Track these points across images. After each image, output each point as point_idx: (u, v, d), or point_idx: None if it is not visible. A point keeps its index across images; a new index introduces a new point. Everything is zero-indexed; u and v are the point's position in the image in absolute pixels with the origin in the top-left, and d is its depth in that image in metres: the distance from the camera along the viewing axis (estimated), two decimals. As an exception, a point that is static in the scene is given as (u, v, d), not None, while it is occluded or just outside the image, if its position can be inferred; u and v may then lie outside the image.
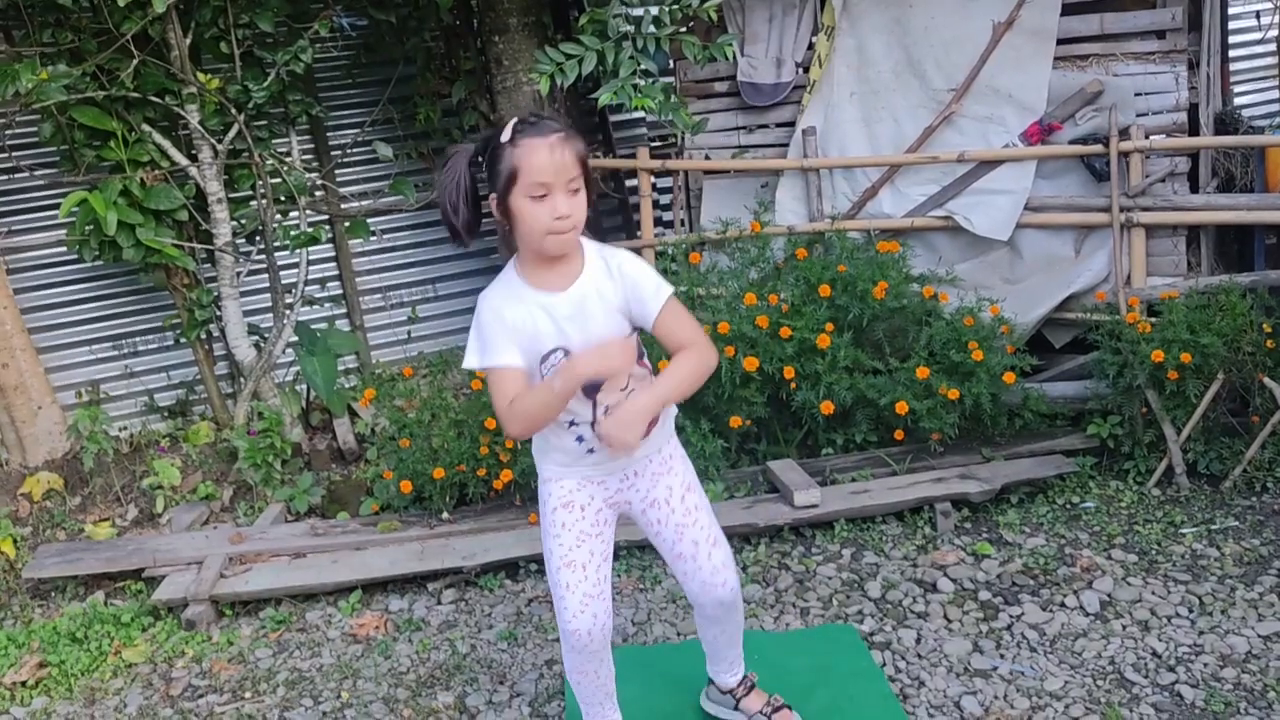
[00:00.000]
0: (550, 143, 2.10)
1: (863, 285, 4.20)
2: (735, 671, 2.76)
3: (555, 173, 2.10)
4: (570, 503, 2.41)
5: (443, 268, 5.75)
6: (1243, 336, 3.89)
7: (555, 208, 2.12)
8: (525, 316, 2.22)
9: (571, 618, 2.38)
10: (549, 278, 2.24)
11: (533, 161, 2.10)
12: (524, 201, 2.13)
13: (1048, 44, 4.54)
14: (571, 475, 2.41)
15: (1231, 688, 2.85)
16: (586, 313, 2.24)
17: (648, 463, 2.44)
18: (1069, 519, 3.85)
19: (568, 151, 2.11)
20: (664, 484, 2.45)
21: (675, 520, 2.46)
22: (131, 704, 3.27)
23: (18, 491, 4.61)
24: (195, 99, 4.58)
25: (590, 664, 2.48)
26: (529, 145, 2.11)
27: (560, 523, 2.40)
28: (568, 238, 2.17)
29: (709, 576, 2.48)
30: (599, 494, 2.43)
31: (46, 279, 5.11)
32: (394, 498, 4.16)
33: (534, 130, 2.13)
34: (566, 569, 2.39)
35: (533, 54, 4.76)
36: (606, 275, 2.25)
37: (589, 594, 2.38)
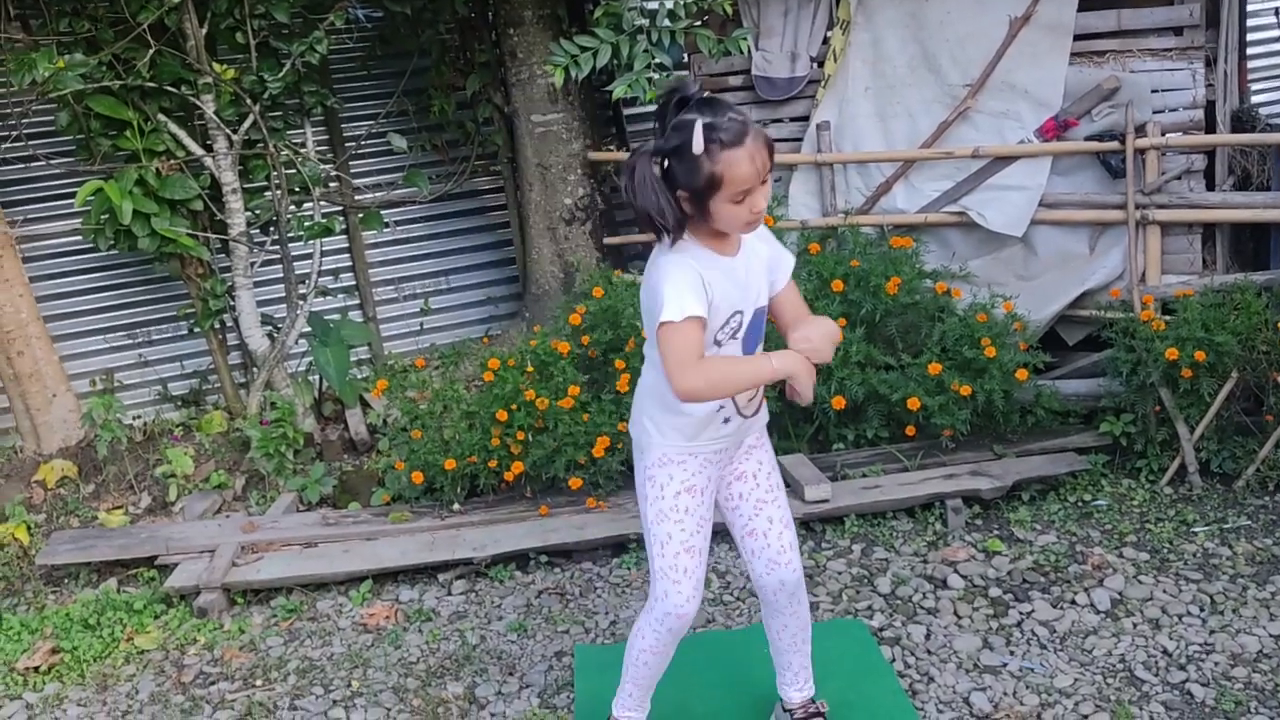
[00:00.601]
0: (751, 149, 2.11)
1: (876, 281, 4.19)
2: (801, 686, 2.71)
3: (758, 175, 2.14)
4: (694, 487, 2.40)
5: (455, 260, 5.75)
6: (1257, 335, 3.87)
7: (754, 204, 2.16)
8: (715, 279, 2.23)
9: (685, 601, 2.40)
10: (725, 244, 2.28)
11: (737, 173, 2.10)
12: (727, 205, 2.15)
13: (1064, 39, 4.52)
14: (695, 455, 2.39)
15: (1242, 687, 2.84)
16: (751, 277, 2.31)
17: (748, 434, 2.46)
18: (1080, 516, 3.84)
19: (764, 150, 2.14)
20: (755, 457, 2.49)
21: (757, 495, 2.49)
22: (143, 690, 3.29)
23: (32, 479, 4.63)
24: (211, 89, 4.60)
25: (670, 647, 2.52)
26: (730, 159, 2.09)
27: (684, 508, 2.39)
28: (757, 223, 2.24)
29: (776, 555, 2.50)
30: (713, 475, 2.44)
31: (62, 268, 5.13)
32: (405, 488, 4.18)
33: (732, 135, 2.09)
34: (686, 554, 2.39)
35: (547, 47, 4.77)
36: (757, 239, 2.35)
37: (700, 579, 2.44)
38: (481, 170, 5.66)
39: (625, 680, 2.61)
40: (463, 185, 5.60)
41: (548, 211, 5.19)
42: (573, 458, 3.94)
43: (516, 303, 5.68)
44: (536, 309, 5.26)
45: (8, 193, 4.96)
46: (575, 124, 5.10)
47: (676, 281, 2.19)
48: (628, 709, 2.64)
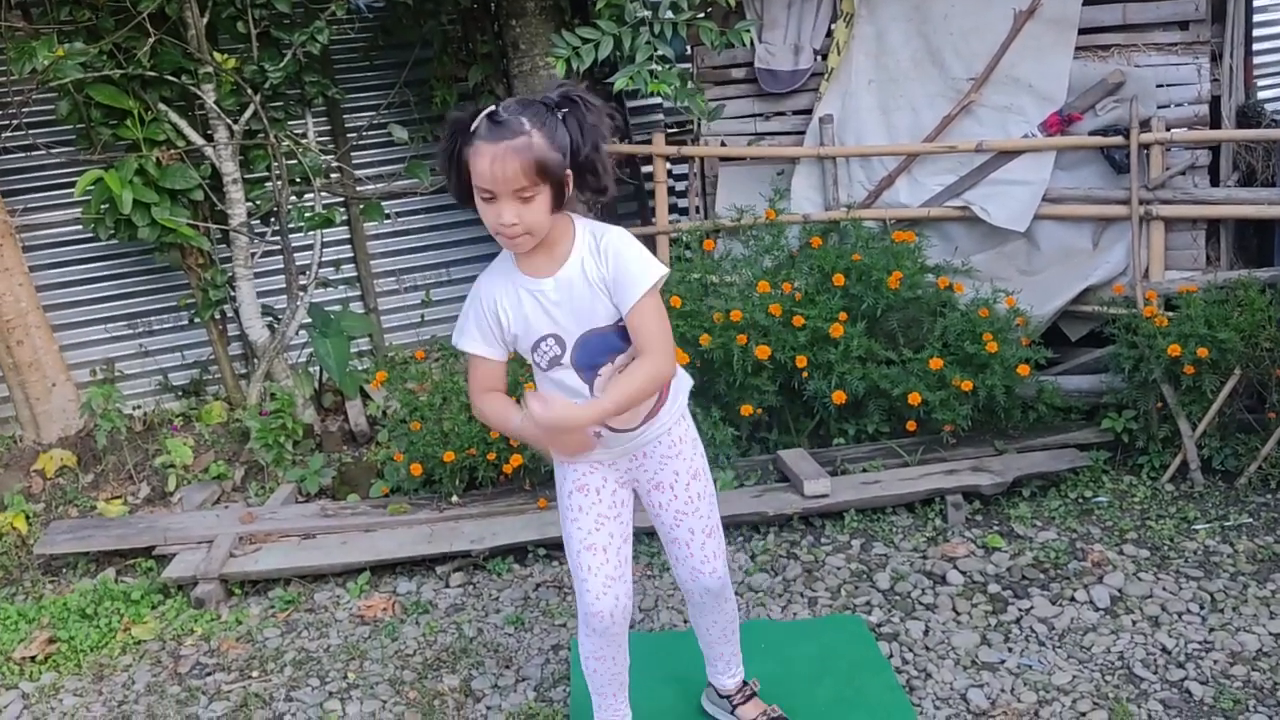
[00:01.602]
0: (495, 152, 2.01)
1: (877, 275, 4.18)
2: (732, 674, 2.74)
3: (495, 183, 2.03)
4: (585, 486, 2.40)
5: (457, 251, 5.74)
6: (1261, 332, 3.85)
7: (500, 213, 2.06)
8: (516, 302, 2.22)
9: (594, 600, 2.37)
10: (537, 262, 2.21)
11: (477, 166, 2.04)
12: (478, 200, 2.09)
13: (1069, 33, 4.49)
14: (582, 459, 2.39)
15: (1241, 685, 2.82)
16: (575, 296, 2.20)
17: (656, 444, 2.41)
18: (1081, 513, 3.83)
19: (513, 164, 2.01)
20: (671, 468, 2.44)
21: (676, 506, 2.45)
22: (140, 681, 3.29)
23: (31, 468, 4.63)
24: (212, 79, 4.58)
25: (609, 649, 2.48)
26: (477, 149, 2.04)
27: (577, 506, 2.40)
28: (519, 241, 2.11)
29: (699, 564, 2.49)
30: (611, 475, 2.42)
31: (62, 257, 5.12)
32: (404, 480, 4.17)
33: (491, 133, 2.03)
34: (587, 552, 2.38)
35: (550, 38, 4.74)
36: (594, 255, 2.20)
37: (611, 576, 2.38)
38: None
39: (592, 692, 2.61)
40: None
41: (549, 204, 5.16)
42: (572, 451, 3.92)
43: (518, 295, 5.66)
44: (537, 301, 5.24)
45: (8, 181, 4.95)
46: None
47: (466, 308, 2.27)
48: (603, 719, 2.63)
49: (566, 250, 2.21)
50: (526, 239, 2.12)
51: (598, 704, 2.61)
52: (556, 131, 2.08)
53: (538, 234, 2.13)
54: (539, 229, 2.12)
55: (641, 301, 2.16)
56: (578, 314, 2.20)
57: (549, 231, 2.16)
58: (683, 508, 2.45)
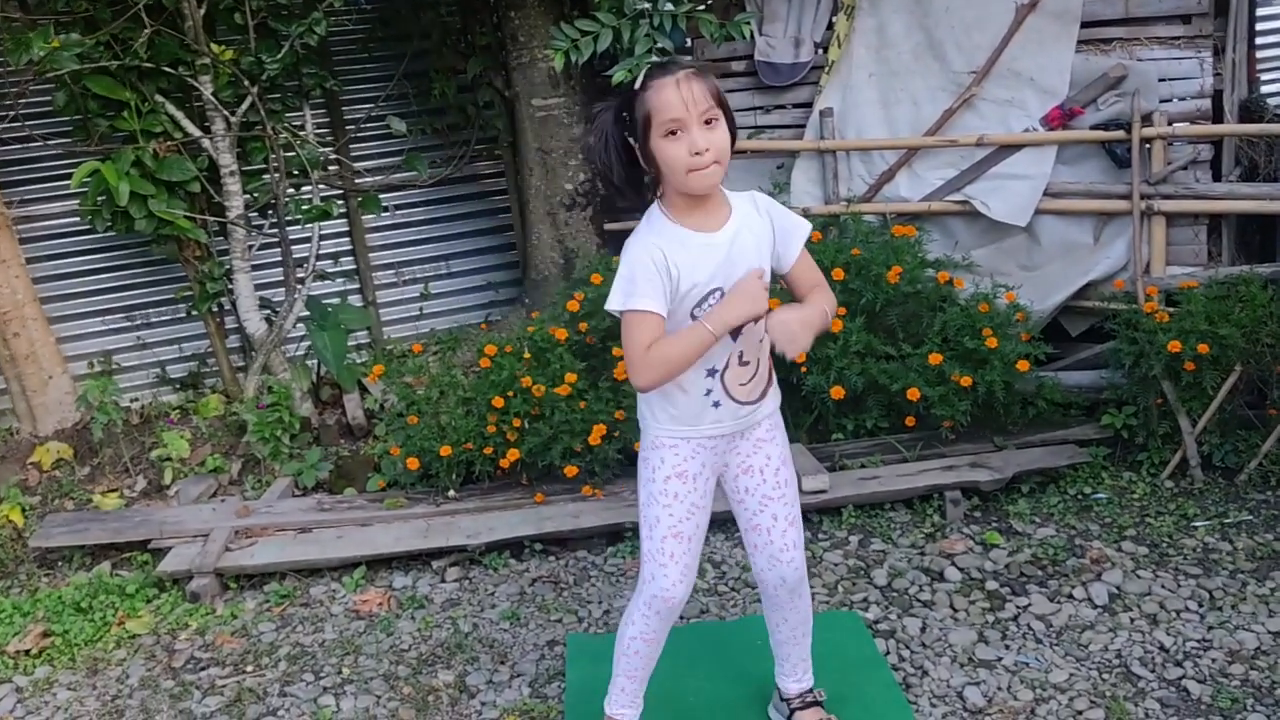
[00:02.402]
0: (677, 79, 2.10)
1: (877, 269, 4.16)
2: (799, 679, 2.71)
3: (685, 106, 2.09)
4: (684, 472, 2.37)
5: (456, 245, 5.72)
6: (1262, 328, 3.83)
7: (693, 142, 2.10)
8: (688, 259, 2.21)
9: (671, 585, 2.38)
10: (702, 219, 2.24)
11: (662, 99, 2.10)
12: (661, 142, 2.12)
13: (1071, 27, 4.46)
14: (688, 440, 2.36)
15: (1239, 684, 2.81)
16: (743, 253, 2.25)
17: (756, 426, 2.41)
18: (1080, 510, 3.81)
19: (695, 85, 2.10)
20: (764, 452, 2.43)
21: (763, 491, 2.45)
22: (134, 675, 3.28)
23: (27, 460, 4.62)
24: (209, 70, 4.56)
25: (661, 633, 2.49)
26: (657, 85, 2.11)
27: (673, 493, 2.37)
28: (710, 171, 2.14)
29: (778, 552, 2.47)
30: (709, 462, 2.41)
31: (59, 249, 5.11)
32: (401, 474, 4.16)
33: (665, 70, 2.14)
34: (674, 539, 2.38)
35: (549, 30, 4.72)
36: (754, 213, 2.29)
37: (689, 565, 2.41)
38: (482, 154, 5.63)
39: (617, 674, 2.58)
40: (463, 169, 5.57)
41: (548, 196, 5.15)
42: (569, 445, 3.91)
43: (517, 288, 5.65)
44: (536, 295, 5.23)
45: (4, 173, 4.93)
46: (576, 109, 5.05)
47: (631, 267, 2.20)
48: (621, 705, 2.59)
49: (725, 207, 2.27)
50: (716, 169, 2.15)
51: (622, 686, 2.58)
52: None
53: (724, 165, 2.17)
54: (725, 158, 2.16)
55: (804, 250, 2.34)
56: (744, 266, 2.24)
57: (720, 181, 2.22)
58: (770, 493, 2.44)
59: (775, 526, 2.46)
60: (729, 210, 2.27)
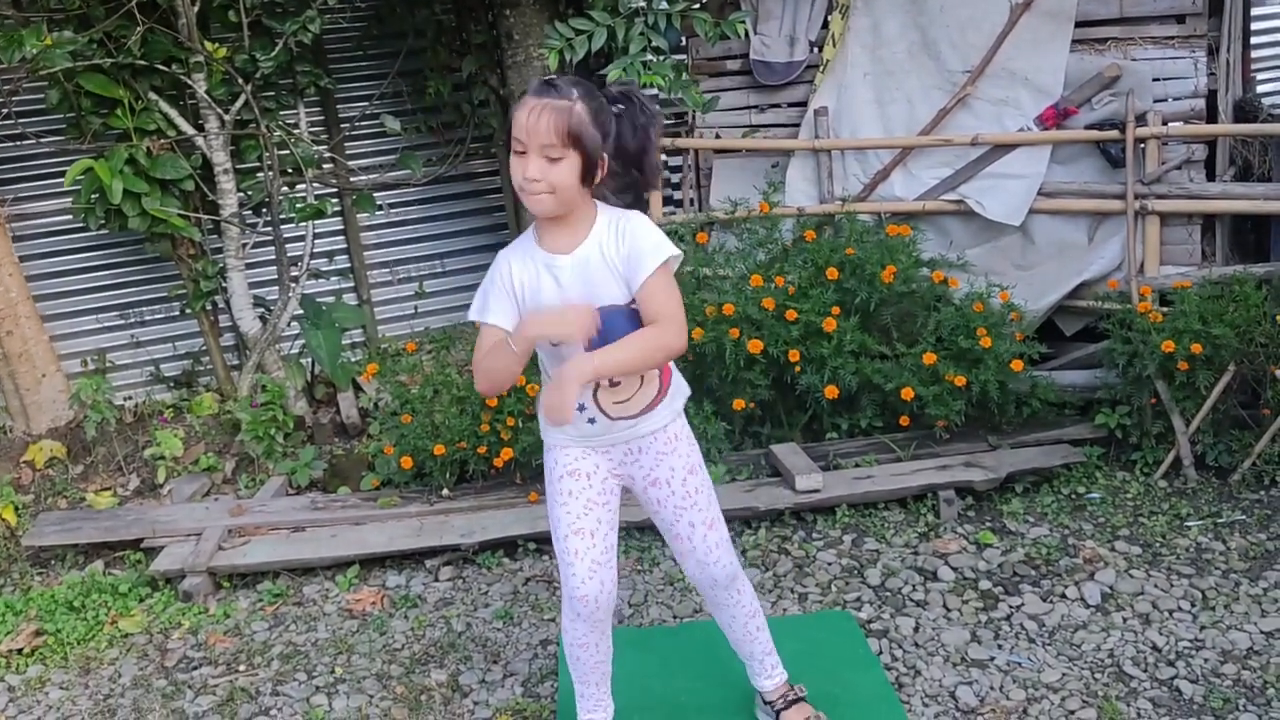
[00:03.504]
0: (534, 105, 2.11)
1: (871, 269, 4.15)
2: (769, 675, 2.70)
3: (527, 134, 2.10)
4: (576, 470, 2.40)
5: (450, 243, 5.72)
6: (1255, 328, 3.83)
7: (526, 168, 2.12)
8: (532, 276, 2.25)
9: (580, 583, 2.37)
10: (557, 239, 2.25)
11: (516, 116, 2.13)
12: (512, 155, 2.16)
13: (1066, 26, 4.47)
14: (576, 444, 2.40)
15: (1231, 684, 2.81)
16: (589, 275, 2.23)
17: (652, 440, 2.41)
18: (1073, 509, 3.81)
19: (545, 118, 2.09)
20: (667, 464, 2.43)
21: (674, 502, 2.45)
22: (126, 674, 3.27)
23: (20, 459, 4.61)
24: (202, 68, 4.55)
25: (592, 635, 2.47)
26: (521, 102, 2.14)
27: (567, 490, 2.40)
28: (539, 200, 2.15)
29: (703, 556, 2.48)
30: (604, 464, 2.42)
31: (52, 247, 5.09)
32: (395, 473, 4.15)
33: (538, 91, 2.14)
34: (575, 536, 2.38)
35: (544, 29, 4.71)
36: (612, 236, 2.24)
37: (597, 560, 2.38)
38: (477, 153, 5.62)
39: (575, 681, 2.60)
40: (458, 168, 5.56)
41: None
42: (563, 444, 3.91)
43: (511, 287, 5.63)
44: (531, 293, 5.21)
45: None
46: None
47: (487, 278, 2.30)
48: (587, 710, 2.62)
49: (586, 230, 2.25)
50: (548, 198, 2.15)
51: (580, 692, 2.61)
52: (602, 114, 2.16)
53: (561, 198, 2.16)
54: (563, 192, 2.15)
55: (653, 277, 2.19)
56: (590, 292, 2.22)
57: (573, 210, 2.21)
58: (680, 503, 2.45)
59: (694, 533, 2.47)
60: (588, 230, 2.24)
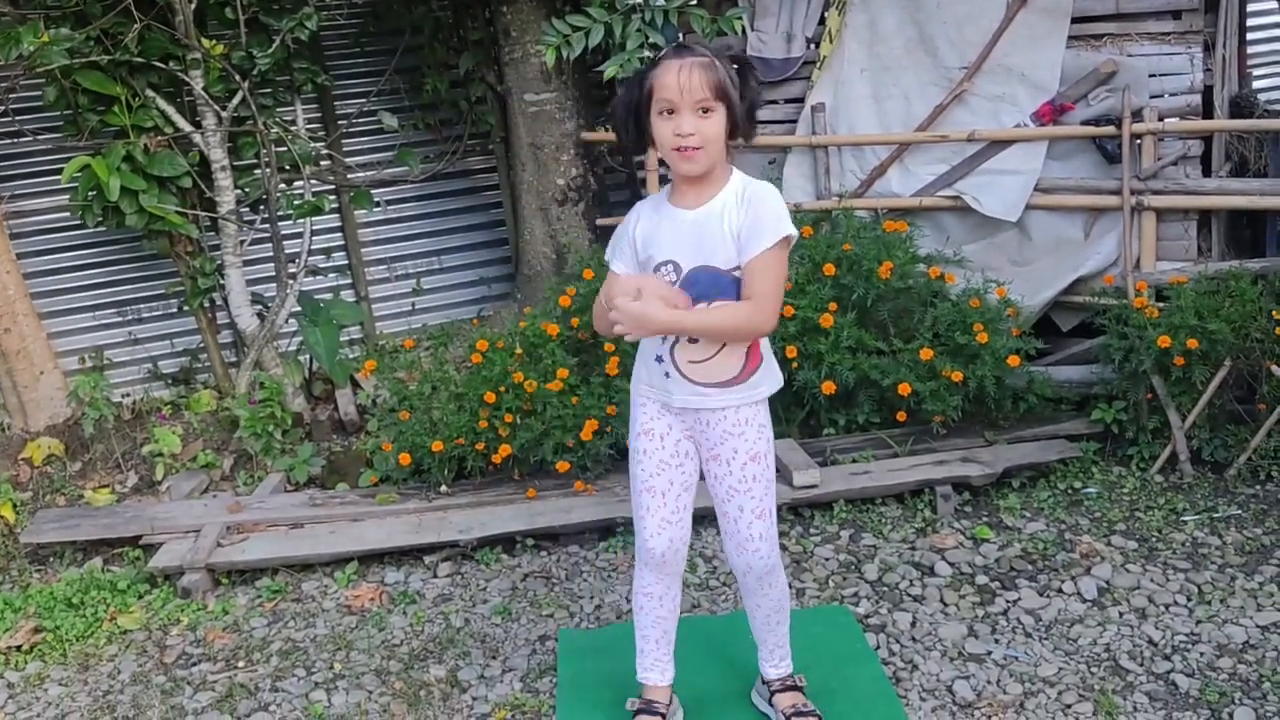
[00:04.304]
0: (681, 64, 2.20)
1: (868, 265, 4.16)
2: (777, 664, 2.75)
3: (680, 91, 2.19)
4: (651, 430, 2.49)
5: (448, 240, 5.72)
6: (1251, 323, 3.84)
7: (679, 125, 2.21)
8: (653, 227, 2.38)
9: (650, 536, 2.51)
10: (687, 195, 2.35)
11: (663, 79, 2.21)
12: (656, 119, 2.25)
13: (1062, 22, 4.47)
14: (651, 400, 2.49)
15: (1227, 678, 2.82)
16: (705, 233, 2.31)
17: (721, 418, 2.44)
18: (1070, 504, 3.82)
19: (695, 74, 2.18)
20: (730, 445, 2.46)
21: (729, 483, 2.49)
22: (125, 671, 3.28)
23: (18, 456, 4.61)
24: (200, 65, 4.55)
25: (658, 585, 2.58)
26: (664, 65, 2.23)
27: (641, 449, 2.50)
28: (691, 156, 2.24)
29: (744, 541, 2.52)
30: (677, 425, 2.49)
31: (50, 244, 5.09)
32: (393, 470, 4.15)
33: (679, 53, 2.23)
34: (646, 493, 2.50)
35: (541, 25, 4.72)
36: (738, 201, 2.30)
37: (666, 519, 2.50)
38: (474, 150, 5.62)
39: (637, 637, 2.69)
40: (455, 165, 5.56)
41: (540, 192, 5.15)
42: (561, 441, 3.92)
43: (509, 283, 5.65)
44: (528, 290, 5.23)
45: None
46: (568, 104, 5.05)
47: (619, 226, 2.49)
48: (644, 670, 2.70)
49: (717, 191, 2.33)
50: (701, 155, 2.24)
51: (641, 648, 2.68)
52: (733, 73, 2.25)
53: (711, 153, 2.25)
54: (713, 147, 2.24)
55: (764, 253, 2.27)
56: (700, 248, 2.31)
57: (713, 168, 2.29)
58: (736, 485, 2.48)
59: (741, 518, 2.50)
60: (714, 193, 2.32)
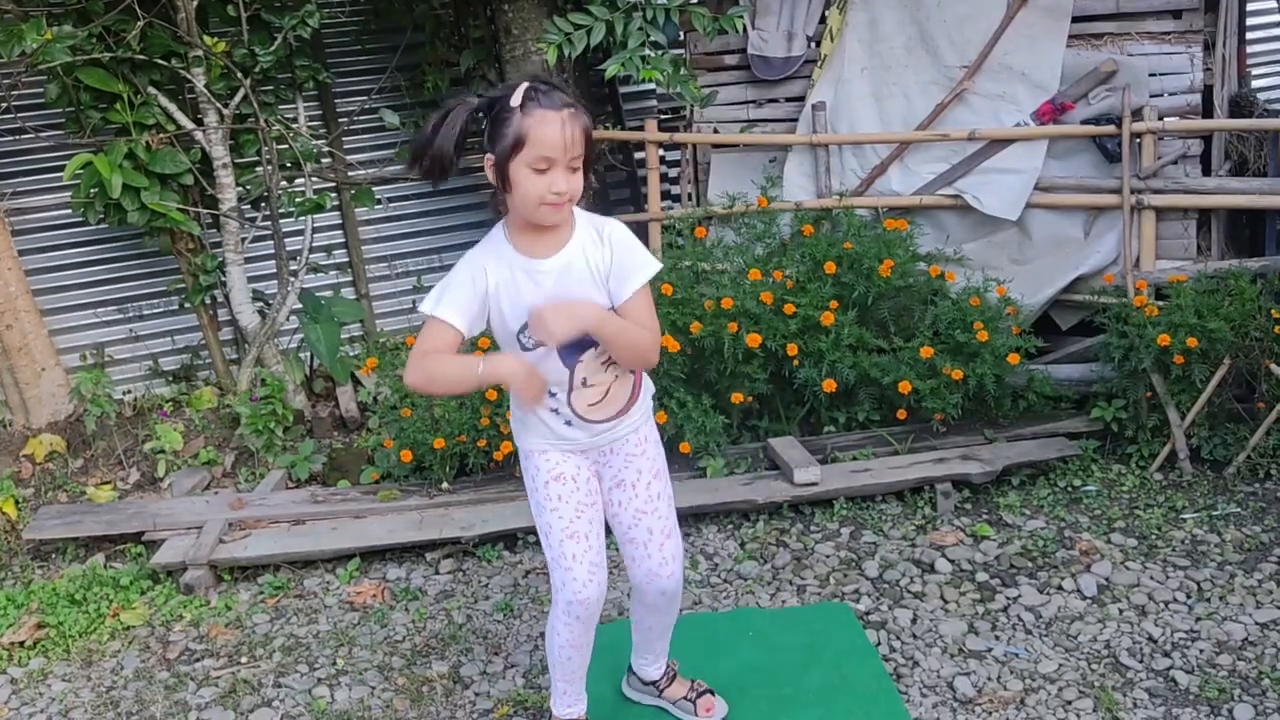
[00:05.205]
0: (562, 117, 2.07)
1: (869, 263, 4.17)
2: (659, 664, 2.75)
3: (562, 149, 2.07)
4: (561, 475, 2.39)
5: (448, 238, 5.72)
6: (1251, 322, 3.85)
7: (554, 182, 2.09)
8: (509, 280, 2.22)
9: (582, 587, 2.37)
10: (536, 244, 2.22)
11: (542, 134, 2.06)
12: (524, 171, 2.09)
13: (1062, 22, 4.49)
14: (553, 447, 2.39)
15: (1227, 674, 2.84)
16: (571, 281, 2.21)
17: (624, 442, 2.42)
18: (1070, 502, 3.84)
19: (577, 128, 2.08)
20: (635, 466, 2.44)
21: (636, 505, 2.44)
22: (128, 666, 3.29)
23: (20, 453, 4.62)
24: (201, 62, 4.55)
25: (586, 636, 2.48)
26: (541, 116, 2.06)
27: (556, 495, 2.38)
28: (562, 210, 2.15)
29: (656, 566, 2.47)
30: (584, 464, 2.42)
31: (52, 241, 5.09)
32: (394, 467, 4.16)
33: (546, 101, 2.08)
34: (570, 540, 2.37)
35: (542, 23, 4.72)
36: (596, 243, 2.23)
37: (594, 563, 2.39)
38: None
39: (555, 679, 2.60)
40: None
41: (541, 190, 5.14)
42: (562, 438, 3.92)
43: (509, 281, 5.65)
44: (529, 288, 5.23)
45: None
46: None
47: (450, 276, 2.23)
48: (565, 705, 2.63)
49: (568, 234, 2.23)
50: (567, 209, 2.17)
51: (563, 690, 2.60)
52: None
53: (573, 205, 2.18)
54: (576, 199, 2.16)
55: (640, 291, 2.22)
56: (570, 298, 2.19)
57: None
58: (643, 506, 2.44)
59: (651, 540, 2.46)
60: (569, 236, 2.23)
